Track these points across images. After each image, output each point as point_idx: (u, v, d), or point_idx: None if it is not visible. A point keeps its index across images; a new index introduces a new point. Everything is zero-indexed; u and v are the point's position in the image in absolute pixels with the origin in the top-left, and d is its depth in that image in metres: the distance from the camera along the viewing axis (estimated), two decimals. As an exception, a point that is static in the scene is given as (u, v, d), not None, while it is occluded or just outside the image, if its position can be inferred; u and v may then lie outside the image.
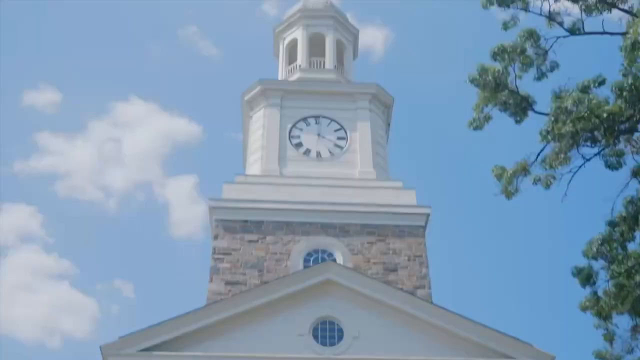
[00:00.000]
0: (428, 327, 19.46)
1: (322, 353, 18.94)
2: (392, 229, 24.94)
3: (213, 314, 19.24)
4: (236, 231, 24.50)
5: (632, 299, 15.09)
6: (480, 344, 19.04)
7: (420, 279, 23.97)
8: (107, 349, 18.33)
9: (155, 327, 18.71)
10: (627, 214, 14.80)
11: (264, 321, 19.43)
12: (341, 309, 19.81)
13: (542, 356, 18.68)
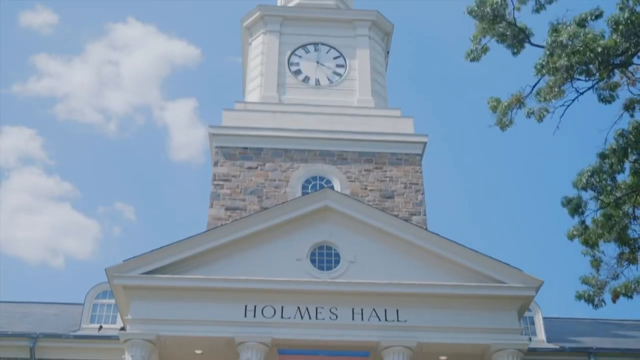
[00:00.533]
0: (422, 252, 20.04)
1: (319, 277, 19.57)
2: (389, 156, 25.39)
3: (214, 238, 19.78)
4: (236, 158, 24.93)
5: (619, 228, 15.61)
6: (472, 269, 19.66)
7: (416, 206, 24.55)
8: (111, 271, 18.95)
9: (157, 251, 19.29)
10: (617, 147, 15.14)
11: (263, 246, 20.00)
12: (338, 235, 20.36)
13: (531, 281, 19.35)
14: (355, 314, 19.08)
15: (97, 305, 23.29)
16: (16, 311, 25.72)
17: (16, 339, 21.65)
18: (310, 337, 18.77)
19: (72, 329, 22.61)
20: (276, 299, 19.08)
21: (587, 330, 26.03)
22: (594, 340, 23.93)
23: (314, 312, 19.04)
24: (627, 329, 26.62)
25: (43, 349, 21.58)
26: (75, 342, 21.77)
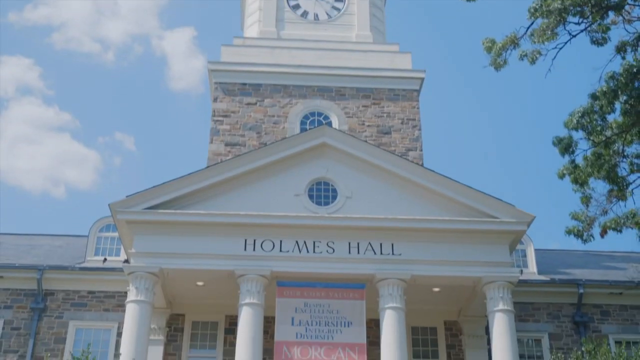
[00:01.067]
0: (417, 188, 20.50)
1: (317, 212, 20.11)
2: (386, 92, 25.65)
3: (214, 174, 20.22)
4: (235, 94, 25.19)
5: (608, 167, 16.03)
6: (466, 204, 20.17)
7: (413, 142, 24.95)
8: (115, 206, 19.46)
9: (159, 187, 19.76)
10: (607, 89, 15.41)
11: (262, 182, 20.45)
12: (335, 171, 20.79)
13: (523, 216, 19.89)
14: (352, 248, 19.69)
15: (100, 238, 23.89)
16: (22, 243, 26.38)
17: (23, 271, 22.30)
18: (308, 270, 19.41)
19: (78, 261, 23.27)
20: (275, 234, 19.65)
21: (578, 262, 26.74)
22: (584, 272, 24.64)
23: (311, 246, 19.64)
24: (618, 260, 27.33)
25: (49, 280, 22.27)
26: (81, 273, 22.44)
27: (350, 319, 19.13)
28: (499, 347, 18.73)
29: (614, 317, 23.16)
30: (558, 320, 23.03)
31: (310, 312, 19.18)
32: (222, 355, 21.48)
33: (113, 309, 22.16)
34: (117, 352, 20.77)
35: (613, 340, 22.61)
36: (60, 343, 21.61)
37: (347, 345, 18.82)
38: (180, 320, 21.97)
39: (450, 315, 22.30)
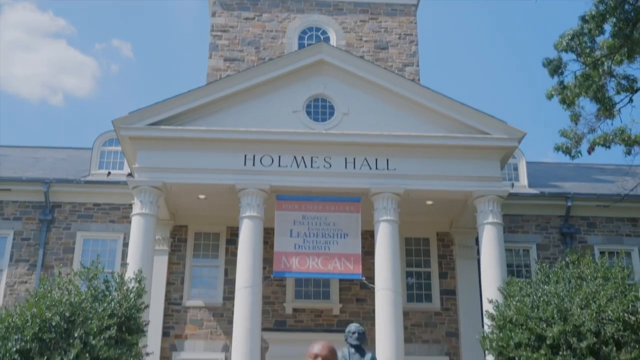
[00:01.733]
0: (413, 105, 21.00)
1: (314, 128, 20.67)
2: (384, 7, 25.77)
3: (214, 91, 20.66)
4: (233, 8, 25.31)
5: (595, 88, 16.48)
6: (459, 121, 20.72)
7: (410, 57, 25.26)
8: (118, 122, 20.02)
9: (161, 104, 20.25)
10: (596, 12, 15.66)
11: (261, 98, 20.92)
12: (333, 87, 21.22)
13: (514, 132, 20.49)
14: (348, 163, 20.36)
15: (104, 152, 24.53)
16: (27, 156, 27.04)
17: (30, 184, 23.04)
18: (305, 184, 20.15)
19: (82, 174, 23.99)
20: (274, 149, 20.28)
21: (569, 175, 27.49)
22: (573, 185, 25.44)
23: (309, 161, 20.31)
24: (608, 173, 28.08)
25: (56, 193, 23.04)
26: (86, 186, 23.19)
27: (346, 231, 20.00)
28: (488, 257, 19.68)
29: (600, 228, 24.09)
30: (546, 231, 23.96)
31: (308, 224, 20.03)
32: (224, 264, 22.51)
33: (118, 221, 23.04)
34: (123, 261, 21.81)
35: (598, 250, 23.61)
36: (69, 253, 22.57)
37: (343, 255, 19.76)
38: (183, 231, 22.90)
39: (442, 227, 23.22)
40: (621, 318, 16.89)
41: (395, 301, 19.07)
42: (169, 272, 22.31)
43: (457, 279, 22.72)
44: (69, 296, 16.75)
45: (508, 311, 17.84)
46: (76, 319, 16.23)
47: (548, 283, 18.38)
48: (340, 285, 22.26)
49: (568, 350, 16.38)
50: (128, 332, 16.84)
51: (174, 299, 22.14)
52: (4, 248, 22.70)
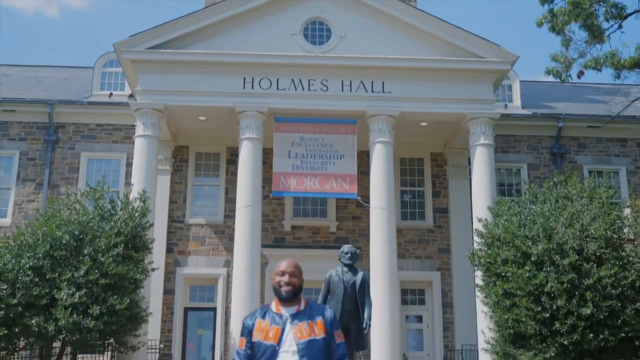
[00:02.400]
0: (409, 28, 21.30)
1: (312, 51, 21.05)
2: None
3: (214, 14, 20.92)
4: None
5: (585, 15, 16.76)
6: (454, 44, 21.08)
7: (407, -22, 25.26)
8: (119, 46, 20.38)
9: (161, 27, 20.56)
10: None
11: (260, 21, 21.20)
12: (330, 11, 21.46)
13: (508, 56, 20.89)
14: (345, 86, 20.85)
15: (105, 73, 24.92)
16: (28, 76, 27.40)
17: (34, 105, 23.53)
18: (303, 106, 20.70)
19: (84, 95, 24.45)
20: (272, 72, 20.73)
21: (563, 96, 27.91)
22: (566, 106, 25.94)
23: (306, 84, 20.78)
24: (601, 93, 28.46)
25: (60, 114, 23.56)
26: (89, 107, 23.69)
27: (342, 152, 20.68)
28: (478, 178, 20.44)
29: (590, 148, 24.76)
30: (537, 151, 24.64)
31: (306, 145, 20.69)
32: (224, 183, 23.29)
33: (121, 141, 23.66)
34: (127, 180, 22.57)
35: (587, 170, 24.34)
36: (74, 172, 23.30)
37: (339, 176, 20.50)
38: (184, 151, 23.58)
39: (436, 147, 23.89)
40: (603, 236, 17.78)
41: (389, 219, 19.93)
42: (172, 191, 23.10)
43: (449, 198, 23.55)
44: (77, 216, 17.59)
45: (496, 229, 18.71)
46: (85, 238, 17.10)
47: (535, 203, 19.19)
48: (337, 203, 23.09)
49: (551, 266, 17.30)
50: (134, 250, 17.76)
51: (176, 217, 23.02)
52: (11, 168, 23.40)
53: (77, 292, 16.05)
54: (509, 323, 17.58)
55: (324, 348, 4.39)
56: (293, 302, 4.53)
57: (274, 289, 4.59)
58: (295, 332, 4.37)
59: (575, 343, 16.85)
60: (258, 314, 4.55)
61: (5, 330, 16.08)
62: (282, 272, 4.51)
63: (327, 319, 4.52)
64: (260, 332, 4.42)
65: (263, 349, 4.36)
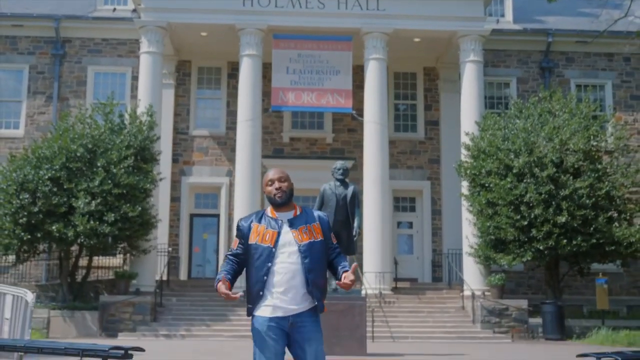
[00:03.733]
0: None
1: (309, -31, 21.72)
2: None
3: None
4: None
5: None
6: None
7: None
8: (122, -36, 21.05)
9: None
10: None
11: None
12: None
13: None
14: (340, 4, 21.62)
15: (108, -13, 25.52)
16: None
17: (41, 20, 24.24)
18: (301, 23, 21.53)
19: (89, 9, 25.09)
20: (271, -11, 21.47)
21: (555, 9, 28.29)
22: (557, 20, 26.58)
23: (304, 2, 21.54)
24: (594, 5, 28.80)
25: (66, 29, 24.31)
26: (94, 22, 24.40)
27: (338, 68, 21.67)
28: (467, 94, 21.55)
29: (578, 63, 25.65)
30: (526, 65, 25.55)
31: (303, 62, 21.66)
32: (226, 97, 24.37)
33: (126, 55, 24.55)
34: (133, 93, 23.62)
35: (574, 84, 25.32)
36: (82, 86, 24.30)
37: (335, 91, 21.58)
38: (187, 66, 24.53)
39: (428, 62, 24.82)
40: (582, 150, 19.07)
41: (382, 133, 21.15)
42: (176, 104, 24.19)
43: (440, 111, 24.66)
44: (90, 130, 18.81)
45: (482, 143, 19.99)
46: (97, 150, 18.41)
47: (520, 117, 20.37)
48: (333, 116, 24.21)
49: (531, 178, 18.69)
50: (143, 161, 19.11)
51: (181, 129, 24.20)
52: (22, 81, 24.39)
53: (93, 201, 17.49)
54: (491, 230, 19.15)
55: (322, 249, 4.59)
56: (287, 207, 4.65)
57: (267, 198, 4.69)
58: (296, 235, 4.53)
59: (550, 248, 18.45)
60: (254, 218, 4.67)
61: (28, 235, 17.60)
62: (271, 180, 4.66)
63: (323, 222, 4.69)
64: (257, 235, 4.55)
65: (260, 251, 4.50)
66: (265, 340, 4.43)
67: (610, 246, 18.55)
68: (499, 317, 18.88)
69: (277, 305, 4.43)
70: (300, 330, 4.46)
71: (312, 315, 4.50)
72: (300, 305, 4.45)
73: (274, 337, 4.43)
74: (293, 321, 4.44)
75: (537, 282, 22.97)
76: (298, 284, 4.45)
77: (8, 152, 23.29)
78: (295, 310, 4.44)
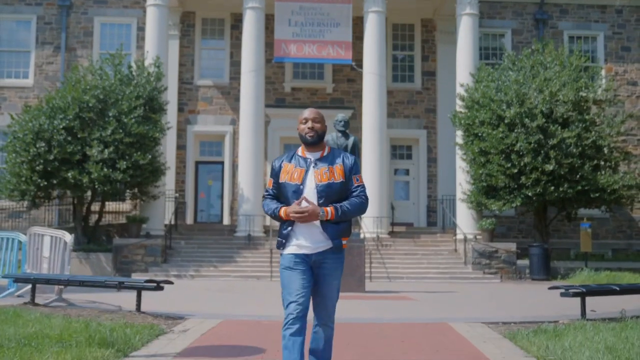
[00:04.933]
0: None
1: None
2: None
3: None
4: None
5: None
6: None
7: None
8: None
9: None
10: None
11: None
12: None
13: None
14: (341, -43, 22.23)
15: (113, -61, 25.97)
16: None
17: (47, -29, 24.83)
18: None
19: (94, -39, 25.62)
20: (273, -57, 22.04)
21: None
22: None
23: (305, -45, 22.16)
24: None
25: (72, -21, 24.92)
26: (99, -26, 25.03)
27: (338, 21, 22.38)
28: (463, 46, 22.30)
29: (571, 14, 26.30)
30: (521, 17, 26.21)
31: (305, 14, 22.35)
32: (229, 47, 25.10)
33: (131, 6, 25.15)
34: (138, 44, 24.36)
35: (567, 35, 26.04)
36: (89, 36, 24.98)
37: (336, 42, 22.33)
38: (191, 17, 25.18)
39: (426, 14, 25.48)
40: (571, 101, 19.95)
41: (380, 84, 21.98)
42: (181, 54, 24.91)
43: (437, 62, 25.43)
44: (100, 81, 19.63)
45: (476, 94, 20.85)
46: (108, 101, 19.26)
47: (513, 70, 21.19)
48: (333, 67, 24.98)
49: (522, 128, 19.62)
50: (152, 111, 19.99)
51: (186, 79, 24.99)
52: (30, 31, 25.05)
53: (106, 149, 18.44)
54: (483, 177, 20.18)
55: (341, 191, 4.69)
56: (317, 147, 4.79)
57: (299, 136, 4.81)
58: (316, 174, 4.68)
59: (538, 195, 19.51)
60: (285, 158, 4.84)
61: (44, 181, 18.60)
62: (306, 119, 4.77)
63: (347, 164, 4.77)
64: (286, 174, 4.72)
65: (289, 189, 4.69)
66: (292, 275, 4.64)
67: (595, 193, 19.59)
68: (489, 259, 20.05)
69: (302, 244, 4.67)
70: (322, 267, 4.69)
71: (333, 254, 4.72)
72: (320, 244, 4.67)
73: (299, 273, 4.63)
74: (316, 259, 4.68)
75: (527, 227, 24.12)
76: (317, 223, 4.65)
77: (19, 101, 24.18)
78: (317, 248, 4.67)
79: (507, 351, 6.53)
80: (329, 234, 4.66)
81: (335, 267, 4.74)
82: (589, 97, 20.87)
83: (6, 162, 19.41)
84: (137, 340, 6.39)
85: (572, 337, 6.38)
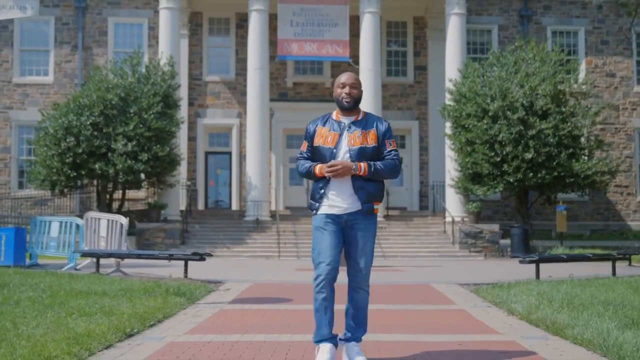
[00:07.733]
0: None
1: None
2: None
3: None
4: None
5: None
6: None
7: None
8: None
9: None
10: None
11: None
12: None
13: None
14: (339, -38, 24.12)
15: (125, -56, 27.77)
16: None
17: (65, -25, 26.67)
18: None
19: (107, -36, 27.46)
20: (276, -50, 23.91)
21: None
22: (535, -28, 29.04)
23: (306, -39, 24.05)
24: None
25: (88, -17, 26.77)
26: (113, -23, 26.88)
27: (336, 21, 24.34)
28: (451, 44, 24.29)
29: (554, 10, 28.22)
30: (507, 13, 28.14)
31: (305, 15, 24.30)
32: (235, 45, 27.04)
33: (142, 7, 27.02)
34: (150, 43, 26.27)
35: (550, 30, 27.98)
36: (103, 36, 26.87)
37: (334, 41, 24.31)
38: (199, 17, 27.09)
39: (418, 12, 27.42)
40: (549, 94, 21.93)
41: (375, 79, 23.96)
42: (190, 52, 26.84)
43: (428, 57, 27.40)
44: (122, 80, 21.59)
45: (463, 88, 22.83)
46: (129, 98, 21.22)
47: (497, 66, 23.16)
48: (332, 63, 26.90)
49: (504, 120, 21.62)
50: (167, 107, 21.96)
51: (195, 75, 26.93)
52: (48, 32, 26.94)
53: (129, 143, 20.43)
54: (469, 165, 22.21)
55: (373, 155, 4.71)
56: (353, 112, 4.79)
57: (336, 100, 4.81)
58: (349, 138, 4.71)
59: (519, 180, 21.56)
60: (320, 122, 4.85)
61: (74, 172, 20.62)
62: (343, 84, 4.76)
63: (381, 129, 4.77)
64: (320, 137, 4.75)
65: (323, 152, 4.73)
66: (322, 235, 4.73)
67: (570, 178, 21.65)
68: (475, 239, 22.14)
69: (333, 204, 4.74)
70: (353, 227, 4.77)
71: (364, 216, 4.78)
72: (351, 205, 4.74)
73: (329, 233, 4.71)
74: (347, 219, 4.74)
75: (511, 210, 26.18)
76: (348, 185, 4.73)
77: (40, 97, 26.12)
78: (348, 209, 4.74)
79: (470, 298, 8.72)
80: (360, 197, 4.74)
81: (367, 228, 4.81)
82: (566, 91, 22.86)
83: (37, 155, 21.42)
84: (198, 294, 8.48)
85: (517, 289, 8.54)
